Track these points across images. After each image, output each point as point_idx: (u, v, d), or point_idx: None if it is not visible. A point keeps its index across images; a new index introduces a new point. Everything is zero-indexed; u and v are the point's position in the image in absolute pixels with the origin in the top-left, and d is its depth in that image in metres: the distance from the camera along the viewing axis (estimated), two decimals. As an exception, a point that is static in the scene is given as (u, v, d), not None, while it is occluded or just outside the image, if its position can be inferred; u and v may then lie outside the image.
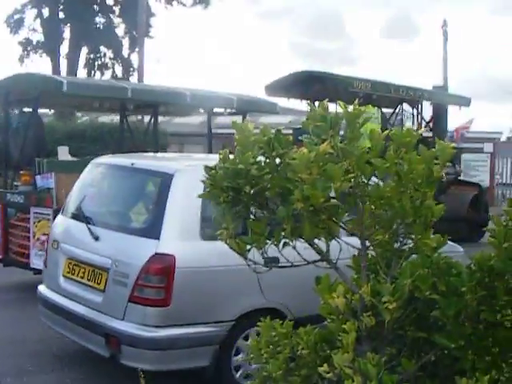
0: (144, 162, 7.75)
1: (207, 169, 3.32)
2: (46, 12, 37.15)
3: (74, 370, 7.41)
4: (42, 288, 7.75)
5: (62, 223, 7.95)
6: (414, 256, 3.43)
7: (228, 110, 15.94)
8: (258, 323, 3.81)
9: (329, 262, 3.39)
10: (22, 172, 12.02)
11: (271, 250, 3.97)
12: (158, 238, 6.63)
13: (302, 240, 3.64)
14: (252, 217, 3.49)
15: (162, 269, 6.52)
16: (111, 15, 38.53)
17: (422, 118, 19.75)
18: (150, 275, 6.53)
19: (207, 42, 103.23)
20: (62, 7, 36.28)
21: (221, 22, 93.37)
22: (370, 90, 17.22)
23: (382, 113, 18.34)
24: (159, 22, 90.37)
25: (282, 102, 18.74)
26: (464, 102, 21.64)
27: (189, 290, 6.64)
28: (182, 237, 6.77)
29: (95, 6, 37.67)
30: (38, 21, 37.42)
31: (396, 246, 3.42)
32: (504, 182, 32.28)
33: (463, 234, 17.01)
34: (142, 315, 6.56)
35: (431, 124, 19.94)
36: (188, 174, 7.09)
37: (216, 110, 16.83)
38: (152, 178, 7.30)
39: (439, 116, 20.19)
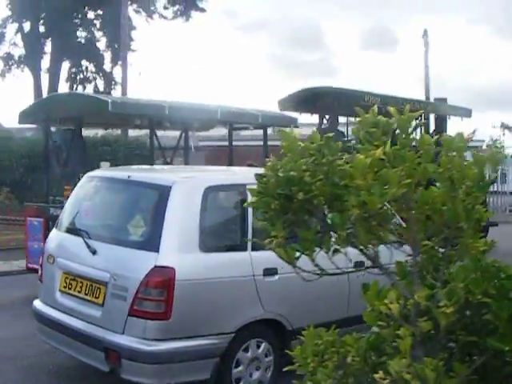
0: (140, 175, 7.73)
1: (258, 176, 3.30)
2: (26, 26, 37.06)
3: (71, 384, 7.33)
4: (37, 303, 7.66)
5: (56, 237, 7.87)
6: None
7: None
8: (302, 331, 3.76)
9: (381, 268, 3.40)
10: (66, 187, 12.37)
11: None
12: (157, 250, 6.62)
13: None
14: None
15: (162, 282, 6.51)
16: (92, 29, 38.33)
17: (427, 129, 20.46)
18: (149, 288, 6.51)
19: (188, 55, 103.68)
20: (42, 21, 36.13)
21: (201, 35, 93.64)
22: (380, 103, 17.45)
23: None
24: (140, 36, 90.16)
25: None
26: (466, 113, 22.59)
27: (189, 302, 6.64)
28: (182, 249, 6.76)
29: (76, 20, 37.49)
30: (19, 35, 37.14)
31: (441, 250, 3.45)
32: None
33: None
34: (142, 329, 6.53)
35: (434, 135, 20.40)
36: (185, 185, 7.09)
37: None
38: (149, 191, 7.27)
39: (440, 127, 21.03)
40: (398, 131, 3.27)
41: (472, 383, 3.25)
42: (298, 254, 3.49)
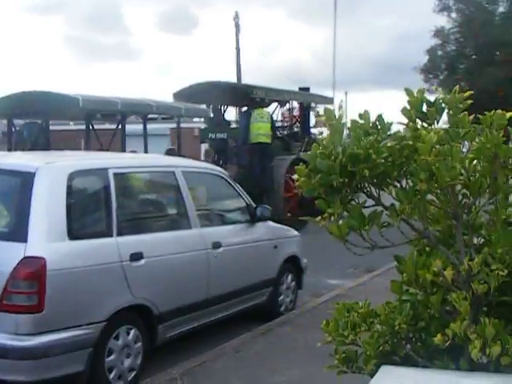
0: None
1: (323, 155, 3.37)
2: None
3: None
4: None
5: None
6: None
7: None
8: (336, 305, 3.89)
9: (429, 239, 3.62)
10: None
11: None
12: (25, 240, 6.34)
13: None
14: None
15: (33, 273, 6.25)
16: None
17: (293, 115, 25.47)
18: (19, 281, 6.24)
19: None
20: None
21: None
22: (264, 95, 21.30)
23: (269, 113, 22.19)
24: None
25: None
26: (328, 101, 26.02)
27: (61, 293, 6.45)
28: (50, 238, 6.53)
29: None
30: None
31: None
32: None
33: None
34: (13, 324, 6.24)
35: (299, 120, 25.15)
36: (50, 171, 6.82)
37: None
38: (10, 178, 6.88)
39: (305, 114, 25.00)
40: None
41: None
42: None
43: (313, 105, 24.86)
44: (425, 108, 3.52)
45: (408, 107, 3.55)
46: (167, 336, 7.65)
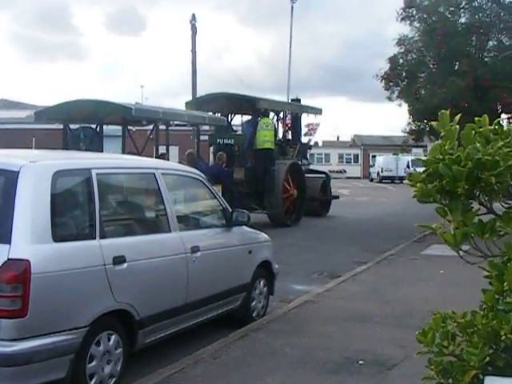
0: None
1: (450, 160, 3.30)
2: None
3: None
4: None
5: None
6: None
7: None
8: (434, 315, 3.79)
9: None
10: None
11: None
12: (8, 242, 6.02)
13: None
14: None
15: (17, 276, 5.96)
16: None
17: (286, 124, 28.20)
18: (2, 284, 5.95)
19: None
20: None
21: None
22: (268, 106, 25.01)
23: (273, 122, 25.63)
24: None
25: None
26: (317, 111, 29.65)
27: (45, 296, 6.20)
28: (35, 239, 6.23)
29: None
30: None
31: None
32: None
33: (317, 210, 27.10)
34: None
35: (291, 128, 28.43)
36: (34, 170, 6.50)
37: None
38: None
39: (296, 123, 28.64)
40: None
41: None
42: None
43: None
44: None
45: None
46: (146, 341, 7.39)
